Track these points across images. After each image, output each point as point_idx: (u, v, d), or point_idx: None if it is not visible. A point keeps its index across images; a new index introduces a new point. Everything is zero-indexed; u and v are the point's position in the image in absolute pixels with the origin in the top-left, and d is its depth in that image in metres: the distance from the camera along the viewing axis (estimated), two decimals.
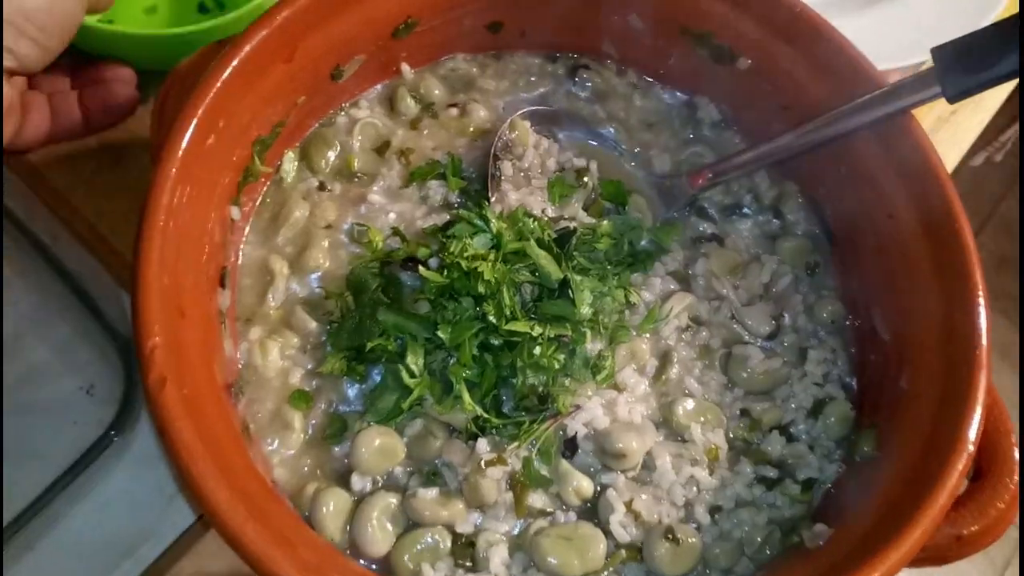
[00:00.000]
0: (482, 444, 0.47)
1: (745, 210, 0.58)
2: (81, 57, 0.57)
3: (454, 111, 0.58)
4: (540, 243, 0.50)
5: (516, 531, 0.47)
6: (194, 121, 0.43)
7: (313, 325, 0.50)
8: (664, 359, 0.52)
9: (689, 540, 0.46)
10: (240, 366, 0.48)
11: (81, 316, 0.63)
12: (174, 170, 0.42)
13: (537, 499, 0.47)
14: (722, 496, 0.48)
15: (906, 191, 0.50)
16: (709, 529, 0.47)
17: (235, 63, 0.44)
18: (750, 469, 0.49)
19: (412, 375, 0.47)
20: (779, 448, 0.50)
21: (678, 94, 0.61)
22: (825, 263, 0.57)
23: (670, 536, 0.46)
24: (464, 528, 0.46)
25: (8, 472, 0.61)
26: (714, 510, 0.48)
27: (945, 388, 0.45)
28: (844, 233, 0.56)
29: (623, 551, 0.46)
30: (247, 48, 0.45)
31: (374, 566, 0.45)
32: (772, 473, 0.49)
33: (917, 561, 0.42)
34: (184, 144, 0.42)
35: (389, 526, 0.45)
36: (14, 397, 0.67)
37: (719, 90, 0.59)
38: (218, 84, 0.45)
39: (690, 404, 0.50)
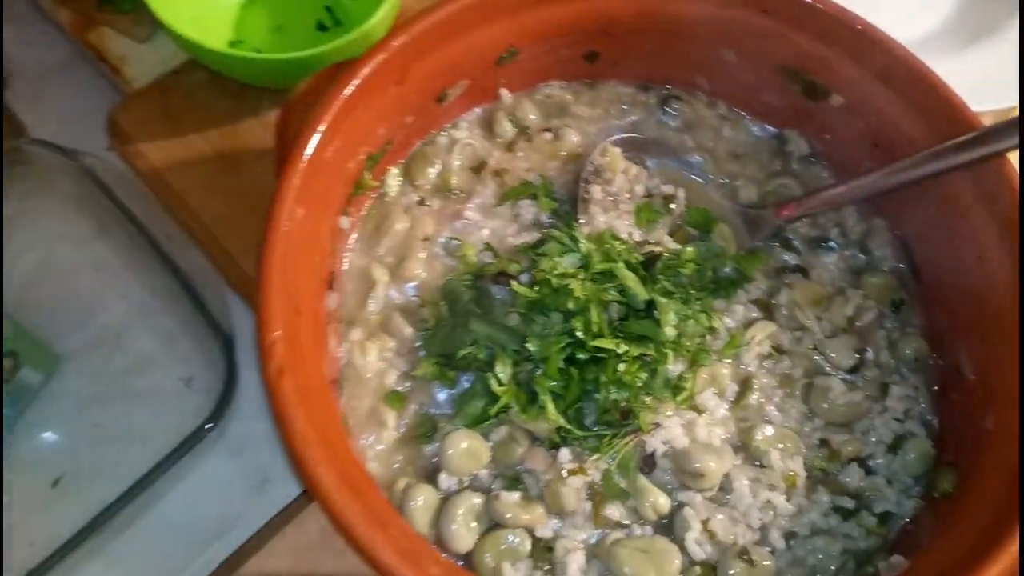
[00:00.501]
0: (564, 453, 0.50)
1: (831, 243, 0.60)
2: None
3: (548, 135, 0.61)
4: (627, 265, 0.53)
5: (593, 540, 0.49)
6: (316, 136, 0.47)
7: (409, 331, 0.53)
8: (744, 385, 0.54)
9: (764, 563, 0.48)
10: (341, 365, 0.52)
11: (186, 311, 0.68)
12: (297, 180, 0.46)
13: (614, 511, 0.49)
14: (798, 523, 0.50)
15: (998, 236, 0.51)
16: (783, 554, 0.49)
17: (355, 83, 0.49)
18: (827, 498, 0.51)
19: (500, 383, 0.50)
20: (857, 480, 0.52)
21: (768, 127, 0.63)
22: (911, 300, 0.58)
23: (745, 556, 0.47)
24: (543, 533, 0.49)
25: (114, 453, 0.67)
26: (789, 536, 0.50)
27: None
28: (931, 272, 0.57)
29: (698, 568, 0.48)
30: (365, 70, 0.50)
31: (460, 562, 0.48)
32: (849, 504, 0.51)
33: None
34: (307, 157, 0.47)
35: (473, 524, 0.49)
36: (121, 383, 0.72)
37: (810, 125, 0.61)
38: (338, 103, 0.49)
39: (769, 430, 0.52)
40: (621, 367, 0.50)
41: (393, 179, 0.58)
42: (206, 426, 0.64)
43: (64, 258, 0.76)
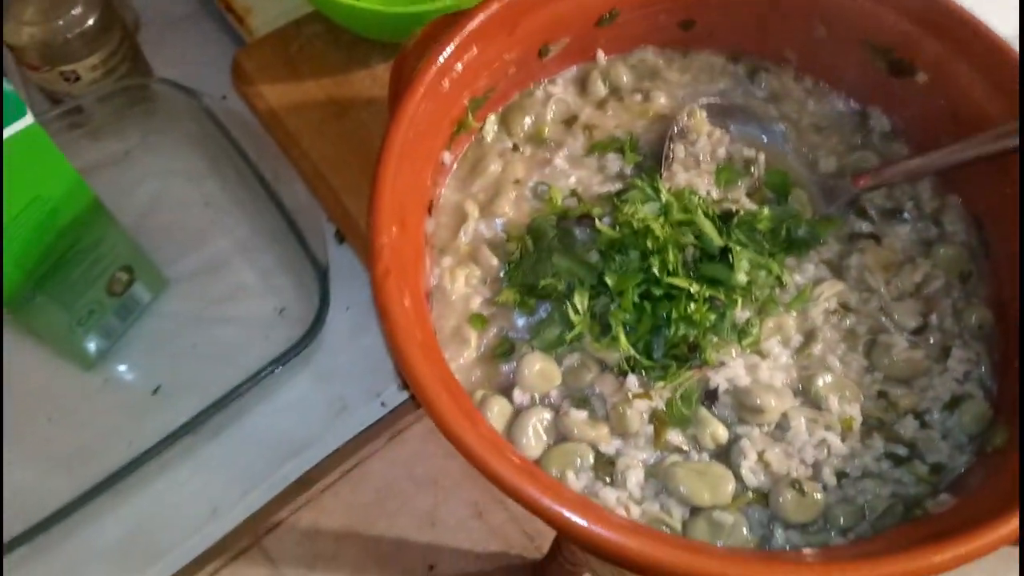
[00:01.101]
0: (631, 380, 0.55)
1: (905, 215, 0.63)
2: None
3: (638, 96, 0.67)
4: (705, 214, 0.57)
5: (652, 461, 0.54)
6: (432, 71, 0.54)
7: (495, 262, 0.59)
8: (809, 336, 0.58)
9: (814, 495, 0.52)
10: (432, 286, 0.58)
11: (286, 246, 0.75)
12: (412, 107, 0.53)
13: (675, 436, 0.54)
14: (850, 464, 0.54)
15: None
16: (834, 491, 0.53)
17: (471, 27, 0.55)
18: (881, 444, 0.55)
19: (576, 312, 0.55)
20: (911, 431, 0.55)
21: (852, 102, 0.67)
22: (979, 273, 0.61)
23: (796, 486, 0.51)
24: (606, 449, 0.54)
25: (209, 370, 0.74)
26: (841, 475, 0.54)
27: None
28: (1001, 248, 0.60)
29: (750, 493, 0.53)
30: (481, 16, 0.56)
31: None
32: (902, 452, 0.54)
33: None
34: (421, 91, 0.53)
35: (543, 435, 0.54)
36: (220, 309, 0.80)
37: (893, 101, 0.65)
38: (451, 46, 0.55)
39: (830, 378, 0.56)
40: (692, 306, 0.55)
41: (491, 125, 0.64)
42: (295, 349, 0.70)
43: (178, 191, 0.84)
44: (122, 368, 0.77)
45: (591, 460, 0.53)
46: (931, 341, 0.58)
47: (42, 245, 0.63)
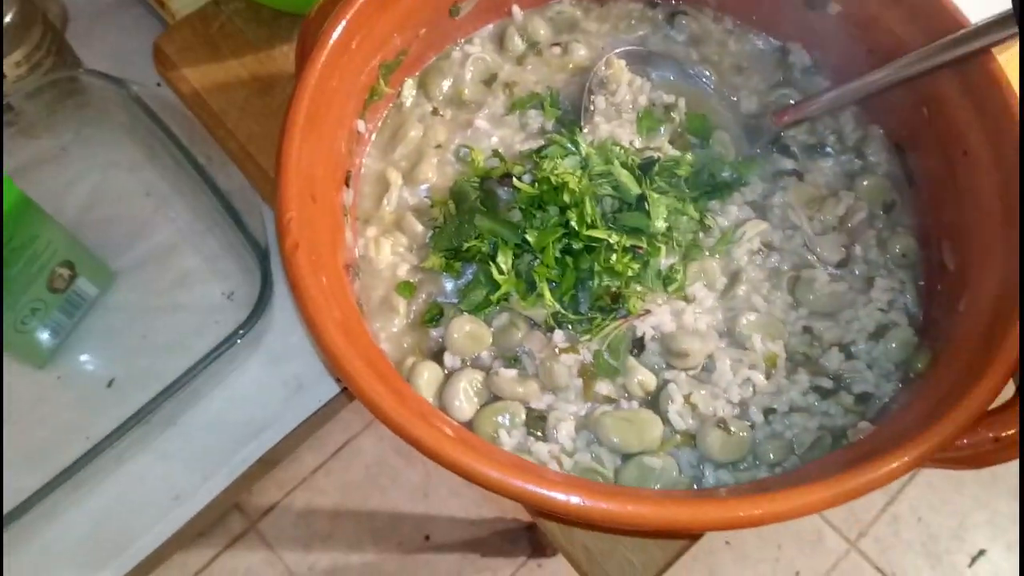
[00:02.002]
0: (558, 335, 0.56)
1: (827, 150, 0.64)
2: None
3: (557, 50, 0.67)
4: (624, 165, 0.58)
5: (583, 413, 0.55)
6: (333, 36, 0.54)
7: (420, 228, 0.60)
8: (734, 278, 0.59)
9: (741, 433, 0.53)
10: (357, 256, 0.59)
11: (227, 230, 0.75)
12: (314, 78, 0.53)
13: (603, 387, 0.55)
14: (777, 400, 0.55)
15: (981, 128, 0.54)
16: (761, 428, 0.54)
17: None
18: (806, 379, 0.56)
19: (501, 272, 0.56)
20: (837, 363, 0.56)
21: (771, 40, 0.67)
22: (903, 202, 0.61)
23: (722, 426, 0.53)
24: (537, 405, 0.55)
25: (162, 359, 0.74)
26: (768, 412, 0.55)
27: (997, 309, 0.49)
28: (923, 174, 0.61)
29: (678, 436, 0.54)
30: None
31: None
32: (828, 384, 0.55)
33: (958, 461, 0.47)
34: (324, 57, 0.53)
35: (474, 397, 0.55)
36: (168, 298, 0.81)
37: (810, 35, 0.65)
38: (352, 10, 0.55)
39: (753, 317, 0.57)
40: (613, 257, 0.55)
41: (408, 90, 0.64)
42: (240, 331, 0.71)
43: (118, 184, 0.84)
44: (75, 364, 0.77)
45: (523, 417, 0.54)
46: (855, 273, 0.59)
47: None
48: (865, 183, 0.61)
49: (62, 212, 0.73)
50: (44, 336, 0.75)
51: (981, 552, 1.59)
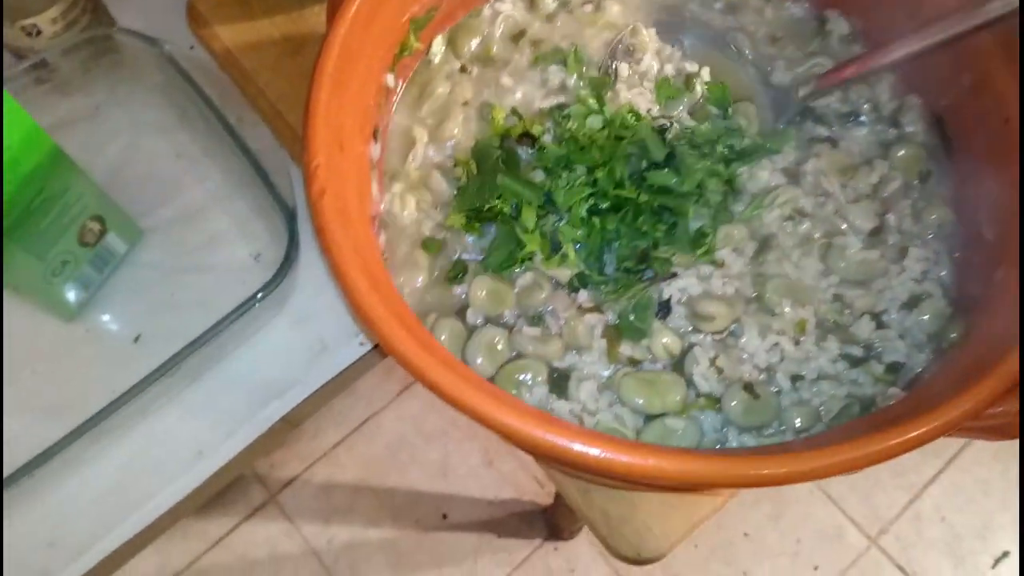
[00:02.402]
0: (583, 294, 0.55)
1: (862, 119, 0.62)
2: None
3: (589, 7, 0.65)
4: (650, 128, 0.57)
5: (606, 374, 0.54)
6: None
7: (445, 186, 0.59)
8: (763, 243, 0.57)
9: (767, 397, 0.52)
10: (382, 210, 0.58)
11: (256, 192, 0.75)
12: (344, 29, 0.52)
13: (628, 349, 0.54)
14: (806, 367, 0.54)
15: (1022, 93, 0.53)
16: (788, 394, 0.53)
17: None
18: (836, 346, 0.54)
19: (526, 231, 0.55)
20: (868, 332, 0.55)
21: (809, 7, 0.66)
22: (939, 172, 0.60)
23: (748, 389, 0.51)
24: (559, 364, 0.54)
25: (188, 317, 0.75)
26: (795, 378, 0.53)
27: None
28: (961, 143, 0.59)
29: (702, 399, 0.53)
30: None
31: None
32: (858, 352, 0.54)
33: (989, 431, 0.46)
34: (354, 8, 0.53)
35: (496, 353, 0.54)
36: (195, 257, 0.81)
37: (850, 3, 0.63)
38: None
39: (783, 282, 0.55)
40: (641, 217, 0.54)
41: (438, 47, 0.64)
42: (265, 290, 0.71)
43: (149, 144, 0.85)
44: (103, 318, 0.78)
45: (544, 375, 0.54)
46: (889, 242, 0.58)
47: (5, 195, 0.64)
48: (901, 153, 0.60)
49: (93, 170, 0.73)
50: (73, 289, 0.75)
51: (1005, 554, 1.56)
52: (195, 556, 1.53)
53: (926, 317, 0.55)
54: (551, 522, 1.53)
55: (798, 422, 0.52)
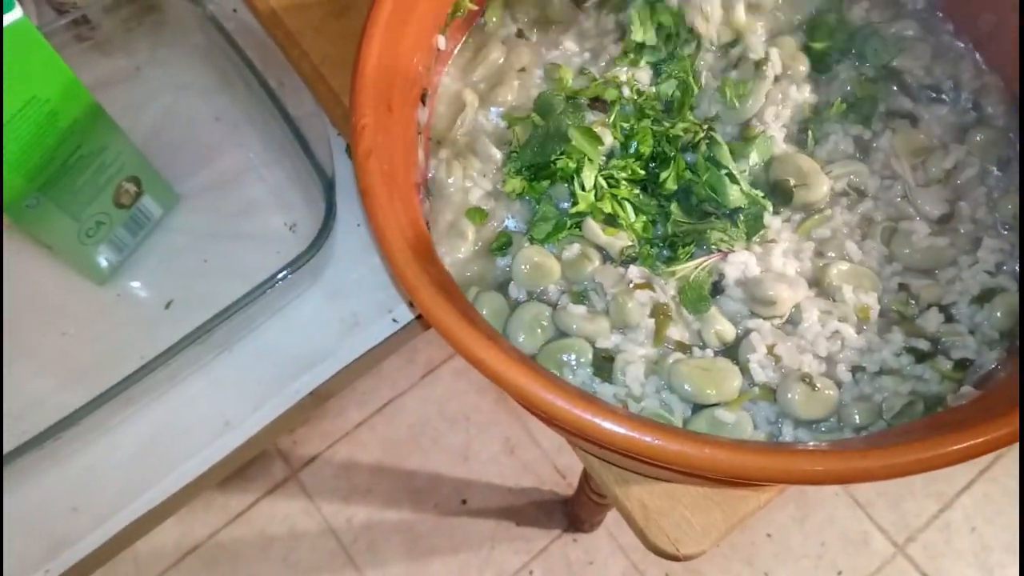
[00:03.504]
0: (634, 270, 0.52)
1: (943, 96, 0.58)
2: None
3: None
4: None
5: (653, 357, 0.51)
6: None
7: (494, 152, 0.56)
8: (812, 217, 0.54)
9: (826, 391, 0.48)
10: (428, 177, 0.55)
11: (295, 160, 0.73)
12: None
13: (676, 332, 0.51)
14: (867, 359, 0.50)
15: None
16: (849, 388, 0.49)
17: None
18: (901, 339, 0.51)
19: (583, 188, 0.52)
20: (935, 325, 0.51)
21: None
22: (1021, 160, 0.56)
23: (807, 381, 0.48)
24: (605, 344, 0.51)
25: (221, 285, 0.73)
26: (856, 370, 0.50)
27: None
28: None
29: (757, 389, 0.49)
30: None
31: None
32: (924, 346, 0.50)
33: None
34: None
35: (539, 332, 0.51)
36: (231, 225, 0.79)
37: None
38: None
39: (845, 267, 0.52)
40: (702, 192, 0.51)
41: (493, 11, 0.61)
42: (300, 261, 0.68)
43: (189, 107, 0.83)
44: (135, 283, 0.76)
45: (589, 356, 0.51)
46: (960, 231, 0.54)
47: (42, 149, 0.62)
48: (979, 137, 0.56)
49: (132, 132, 0.71)
50: (106, 252, 0.73)
51: None
52: (215, 529, 1.52)
53: (999, 313, 0.51)
54: (571, 513, 1.50)
55: (857, 418, 0.48)
